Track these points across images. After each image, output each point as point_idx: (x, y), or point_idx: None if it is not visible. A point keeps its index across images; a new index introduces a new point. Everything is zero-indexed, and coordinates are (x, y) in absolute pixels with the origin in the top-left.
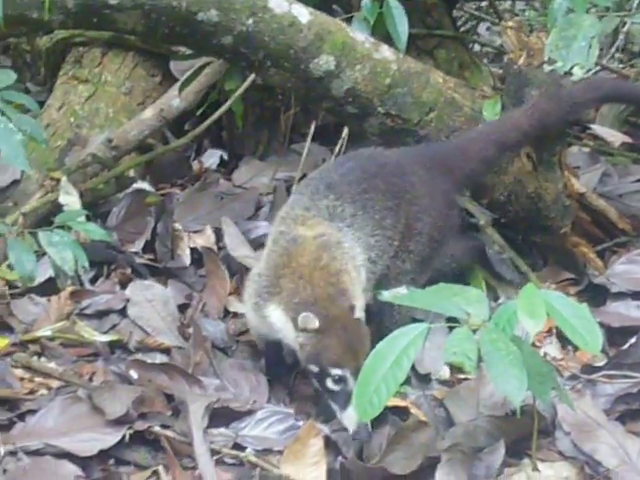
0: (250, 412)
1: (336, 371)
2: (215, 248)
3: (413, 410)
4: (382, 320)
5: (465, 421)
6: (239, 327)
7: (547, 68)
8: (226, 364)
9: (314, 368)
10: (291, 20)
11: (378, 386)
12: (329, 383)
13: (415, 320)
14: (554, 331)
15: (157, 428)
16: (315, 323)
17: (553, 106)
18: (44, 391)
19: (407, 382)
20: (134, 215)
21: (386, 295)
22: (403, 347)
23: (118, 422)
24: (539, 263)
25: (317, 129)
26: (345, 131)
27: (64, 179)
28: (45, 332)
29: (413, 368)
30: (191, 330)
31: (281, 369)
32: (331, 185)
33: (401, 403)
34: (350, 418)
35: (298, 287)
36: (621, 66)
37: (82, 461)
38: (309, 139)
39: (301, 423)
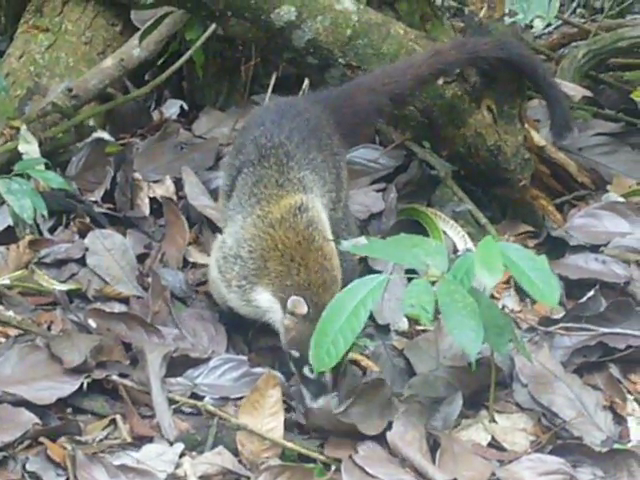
0: (206, 360)
1: None
2: (175, 198)
3: (364, 362)
4: None
5: (425, 371)
6: (198, 277)
7: (508, 20)
8: (185, 314)
9: (295, 353)
10: None
11: (335, 336)
12: (306, 370)
13: (372, 271)
14: (512, 283)
15: (115, 377)
16: (304, 308)
17: (454, 55)
18: (2, 339)
19: (368, 335)
20: (94, 164)
21: (345, 244)
22: (361, 298)
23: (76, 371)
24: (498, 216)
25: (278, 80)
26: (306, 82)
27: (23, 127)
28: (3, 281)
29: (372, 319)
30: (150, 280)
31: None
32: (289, 154)
33: (356, 357)
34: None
35: (290, 269)
36: (582, 21)
37: (40, 409)
38: (270, 90)
39: (255, 370)
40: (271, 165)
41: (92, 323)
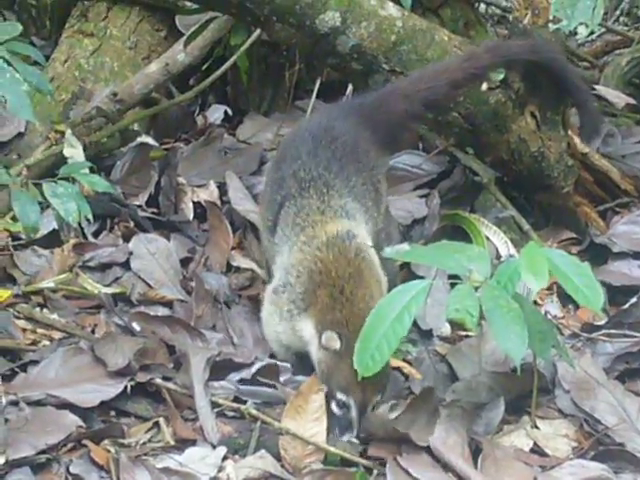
0: (250, 365)
1: (341, 396)
2: (218, 203)
3: (406, 369)
4: None
5: (467, 377)
6: (241, 281)
7: (552, 27)
8: (233, 313)
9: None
10: None
11: (379, 342)
12: (333, 406)
13: (415, 277)
14: (555, 289)
15: (159, 380)
16: (337, 344)
17: (488, 58)
18: (46, 342)
19: (411, 340)
20: (138, 169)
21: (388, 251)
22: (405, 303)
23: (120, 374)
24: (541, 222)
25: (321, 86)
26: (349, 88)
27: (68, 132)
28: (48, 284)
29: (415, 325)
30: (193, 284)
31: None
32: (329, 184)
33: (398, 363)
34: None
35: (336, 302)
36: (625, 29)
37: (83, 412)
38: (314, 95)
39: (299, 378)
40: (311, 195)
41: (136, 326)
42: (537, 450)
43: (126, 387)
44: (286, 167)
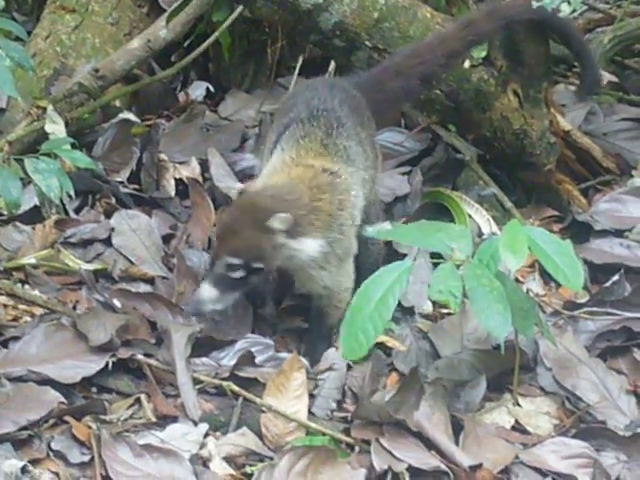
0: (232, 342)
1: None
2: (200, 179)
3: (390, 342)
4: (359, 256)
5: (449, 354)
6: None
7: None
8: None
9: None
10: None
11: (365, 325)
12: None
13: (397, 254)
14: (537, 267)
15: (140, 356)
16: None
17: (488, 23)
18: (28, 318)
19: (393, 318)
20: (119, 145)
21: (370, 231)
22: (388, 285)
23: (101, 349)
24: (523, 200)
25: (304, 63)
26: (332, 65)
27: (50, 108)
28: (30, 260)
29: (398, 302)
30: (175, 260)
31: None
32: (340, 120)
33: (383, 339)
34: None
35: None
36: (607, 7)
37: (65, 388)
38: (296, 72)
39: (282, 355)
40: (320, 125)
41: (117, 303)
42: (519, 428)
43: (107, 363)
44: (299, 97)
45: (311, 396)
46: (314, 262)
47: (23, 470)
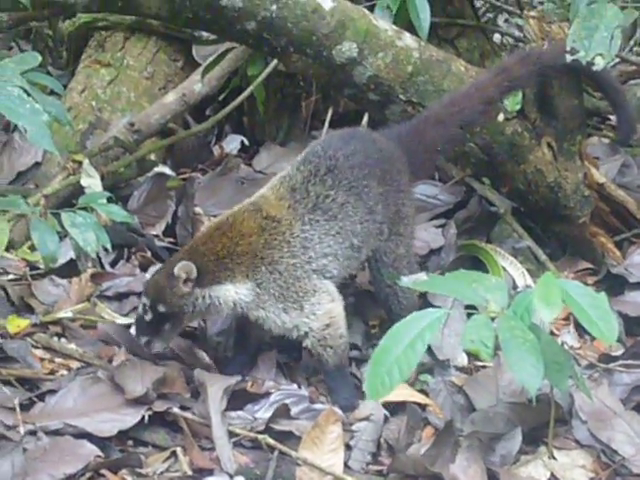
0: (266, 395)
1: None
2: None
3: (422, 400)
4: (390, 307)
5: (484, 407)
6: None
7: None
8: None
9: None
10: (314, 6)
11: (391, 367)
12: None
13: (431, 307)
14: (572, 320)
15: (176, 409)
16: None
17: (521, 69)
18: (64, 372)
19: (428, 371)
20: (155, 199)
21: (405, 281)
22: (419, 330)
23: (137, 402)
24: (558, 252)
25: (337, 116)
26: (365, 118)
27: (86, 161)
28: (66, 313)
29: (433, 355)
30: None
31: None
32: (332, 168)
33: (416, 398)
34: None
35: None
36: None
37: (101, 441)
38: (326, 124)
39: (317, 406)
40: (304, 171)
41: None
42: None
43: (144, 416)
44: (314, 142)
45: (347, 447)
46: (250, 305)
47: None
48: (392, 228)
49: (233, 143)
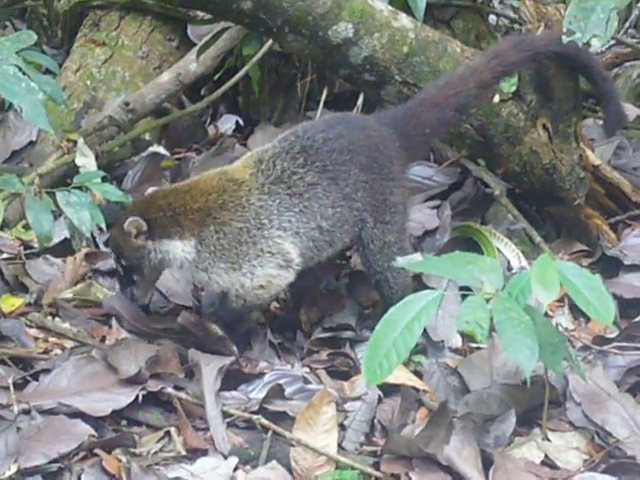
0: (260, 375)
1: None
2: None
3: (416, 383)
4: (382, 292)
5: (479, 389)
6: None
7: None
8: None
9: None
10: None
11: (388, 351)
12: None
13: (426, 288)
14: (566, 302)
15: (170, 389)
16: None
17: (514, 54)
18: (58, 351)
19: (422, 351)
20: (149, 178)
21: (400, 261)
22: (415, 313)
23: (131, 382)
24: (552, 234)
25: (333, 96)
26: (360, 99)
27: (80, 141)
28: (66, 295)
29: (427, 336)
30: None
31: None
32: (307, 148)
33: (413, 382)
34: None
35: None
36: (635, 41)
37: (95, 421)
38: (321, 105)
39: (311, 387)
40: (276, 147)
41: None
42: (548, 462)
43: (137, 396)
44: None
45: (341, 427)
46: (192, 266)
47: None
48: (377, 216)
49: (228, 123)
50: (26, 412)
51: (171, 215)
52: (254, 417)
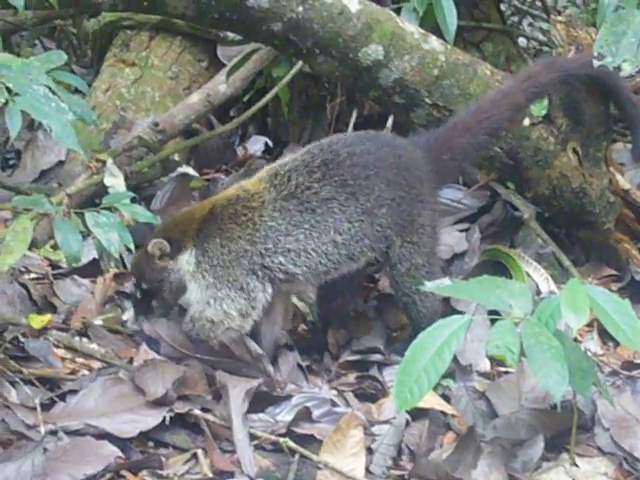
0: (288, 397)
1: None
2: None
3: (443, 407)
4: (410, 315)
5: (507, 413)
6: None
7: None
8: None
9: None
10: (341, 8)
11: (419, 376)
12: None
13: (455, 312)
14: (595, 326)
15: (197, 411)
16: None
17: (546, 76)
18: (85, 371)
19: (451, 375)
20: (178, 199)
21: (428, 285)
22: (445, 338)
23: (158, 404)
24: (582, 258)
25: (362, 118)
26: (390, 121)
27: (110, 161)
28: (97, 321)
29: (455, 360)
30: None
31: None
32: (328, 162)
33: (442, 407)
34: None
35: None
36: None
37: (122, 442)
38: (351, 127)
39: (338, 409)
40: (296, 160)
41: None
42: None
43: (165, 418)
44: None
45: (368, 450)
46: (191, 275)
47: None
48: (404, 236)
49: (257, 144)
50: (53, 433)
51: (184, 229)
52: (281, 440)
